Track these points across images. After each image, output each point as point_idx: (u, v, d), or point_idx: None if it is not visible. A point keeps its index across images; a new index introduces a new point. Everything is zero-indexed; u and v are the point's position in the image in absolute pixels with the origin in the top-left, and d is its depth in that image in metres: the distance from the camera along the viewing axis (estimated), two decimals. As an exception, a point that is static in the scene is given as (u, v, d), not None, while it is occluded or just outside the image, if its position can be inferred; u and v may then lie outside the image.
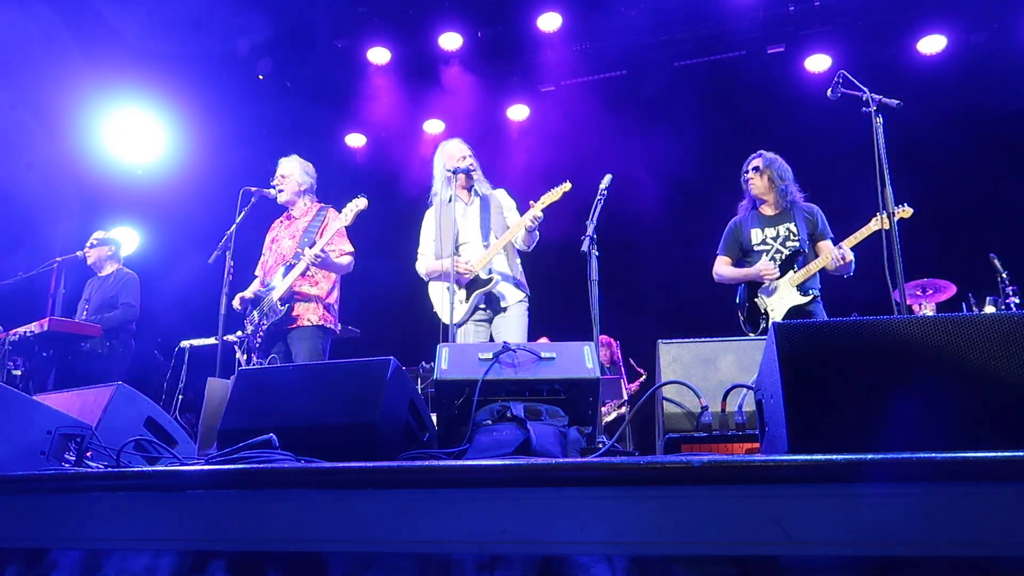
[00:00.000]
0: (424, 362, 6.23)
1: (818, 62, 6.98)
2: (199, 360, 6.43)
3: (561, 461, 1.49)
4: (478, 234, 4.21)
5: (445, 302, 4.06)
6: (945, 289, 5.57)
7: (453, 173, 4.16)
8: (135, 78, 6.58)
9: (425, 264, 4.33)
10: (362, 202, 4.22)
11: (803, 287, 4.16)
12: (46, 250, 6.14)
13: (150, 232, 7.25)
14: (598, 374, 2.40)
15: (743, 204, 4.49)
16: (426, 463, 1.59)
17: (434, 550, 1.45)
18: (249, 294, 4.35)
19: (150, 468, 2.15)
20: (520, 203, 4.29)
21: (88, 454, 2.24)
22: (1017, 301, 4.92)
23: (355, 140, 8.45)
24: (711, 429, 2.35)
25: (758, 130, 6.66)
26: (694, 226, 6.66)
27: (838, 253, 4.05)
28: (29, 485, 1.78)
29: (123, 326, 5.49)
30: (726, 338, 2.61)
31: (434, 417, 2.55)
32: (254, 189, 4.56)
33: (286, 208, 4.61)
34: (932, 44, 6.72)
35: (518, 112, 7.98)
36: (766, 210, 4.37)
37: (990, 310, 5.03)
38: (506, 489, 1.44)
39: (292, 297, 4.20)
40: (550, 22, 6.97)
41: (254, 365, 4.24)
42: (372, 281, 6.30)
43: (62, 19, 5.89)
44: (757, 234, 4.33)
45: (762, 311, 4.23)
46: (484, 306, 4.11)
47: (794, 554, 1.28)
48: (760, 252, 4.29)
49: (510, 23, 7.15)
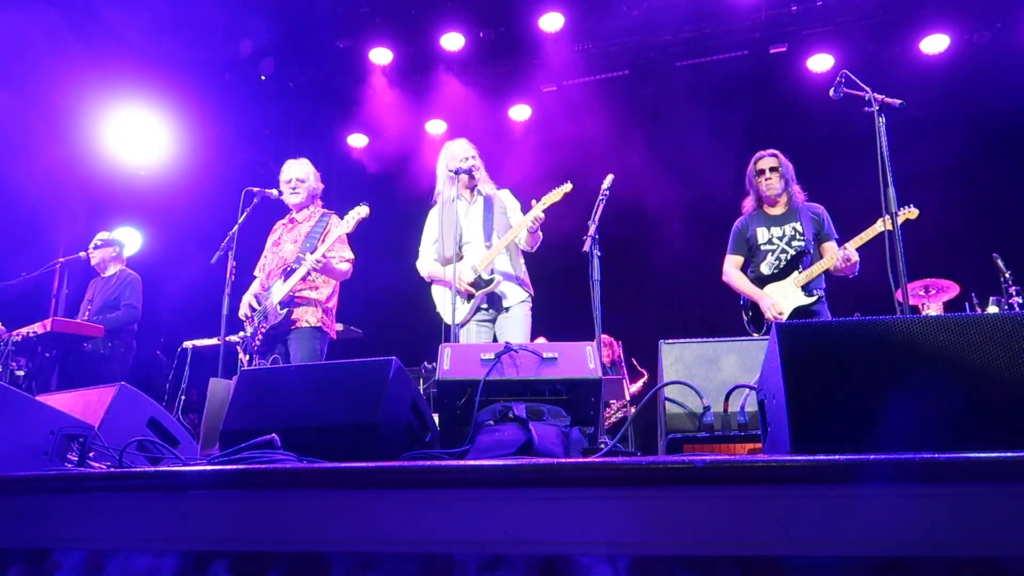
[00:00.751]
0: (426, 362, 6.23)
1: (820, 62, 6.98)
2: (202, 360, 6.44)
3: (563, 461, 1.49)
4: (481, 234, 4.21)
5: (447, 302, 4.09)
6: (948, 289, 5.56)
7: (455, 173, 4.16)
8: (138, 80, 6.60)
9: (426, 265, 4.33)
10: (364, 210, 4.26)
11: (808, 288, 4.15)
12: (51, 251, 6.17)
13: (153, 233, 7.26)
14: (600, 374, 2.40)
15: (746, 203, 4.48)
16: (428, 463, 1.59)
17: (436, 550, 1.45)
18: (250, 296, 4.37)
19: (153, 468, 2.15)
20: (523, 204, 4.29)
21: (91, 454, 2.25)
22: (1020, 301, 4.90)
23: (357, 140, 8.46)
24: (713, 429, 2.35)
25: (760, 130, 6.65)
26: (696, 226, 6.67)
27: (842, 255, 4.04)
28: (32, 485, 1.79)
29: (125, 327, 5.53)
30: (728, 338, 2.61)
31: (436, 417, 2.55)
32: (256, 190, 4.57)
33: (289, 210, 4.62)
34: (935, 44, 6.71)
35: (520, 112, 7.99)
36: (772, 210, 4.36)
37: (993, 310, 5.02)
38: (508, 489, 1.45)
39: (292, 301, 4.25)
40: (552, 22, 6.97)
41: (256, 366, 4.25)
42: (374, 282, 6.31)
43: (67, 21, 5.90)
44: (763, 233, 4.32)
45: (767, 311, 4.22)
46: (486, 306, 4.10)
47: (796, 554, 1.28)
48: (766, 251, 4.28)
49: (512, 23, 7.15)
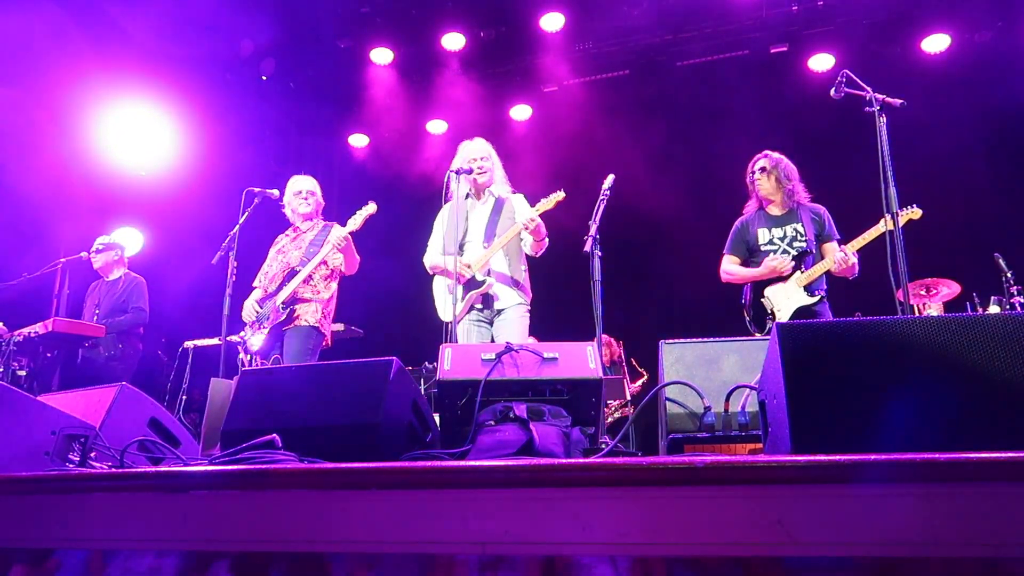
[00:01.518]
0: (427, 362, 6.24)
1: (821, 61, 6.98)
2: (203, 360, 6.44)
3: (564, 462, 1.49)
4: (482, 235, 4.22)
5: (443, 300, 4.15)
6: (949, 289, 5.55)
7: (456, 173, 4.17)
8: (139, 80, 6.60)
9: (430, 258, 4.36)
10: (372, 208, 4.39)
11: (810, 288, 4.15)
12: (53, 252, 6.15)
13: (154, 233, 7.26)
14: (601, 374, 2.40)
15: (749, 204, 4.48)
16: (429, 464, 1.59)
17: (437, 550, 1.45)
18: (253, 301, 4.42)
19: (154, 468, 2.15)
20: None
21: (92, 455, 2.25)
22: (1022, 301, 4.89)
23: (358, 140, 8.46)
24: (714, 430, 2.35)
25: (761, 130, 6.64)
26: (697, 226, 6.65)
27: (842, 256, 4.04)
28: (33, 485, 1.79)
29: (132, 330, 5.58)
30: (729, 338, 2.60)
31: (437, 417, 2.55)
32: (257, 190, 4.60)
33: (289, 224, 4.72)
34: (936, 43, 6.71)
35: (521, 112, 7.99)
36: (773, 210, 4.36)
37: (994, 310, 5.01)
38: (509, 490, 1.45)
39: (294, 300, 4.33)
40: (553, 22, 6.98)
41: (257, 365, 4.26)
42: (375, 281, 6.30)
43: (70, 21, 5.90)
44: (764, 234, 4.32)
45: (768, 311, 4.21)
46: (480, 306, 4.12)
47: (797, 555, 1.28)
48: (767, 252, 4.27)
49: (513, 23, 7.15)
